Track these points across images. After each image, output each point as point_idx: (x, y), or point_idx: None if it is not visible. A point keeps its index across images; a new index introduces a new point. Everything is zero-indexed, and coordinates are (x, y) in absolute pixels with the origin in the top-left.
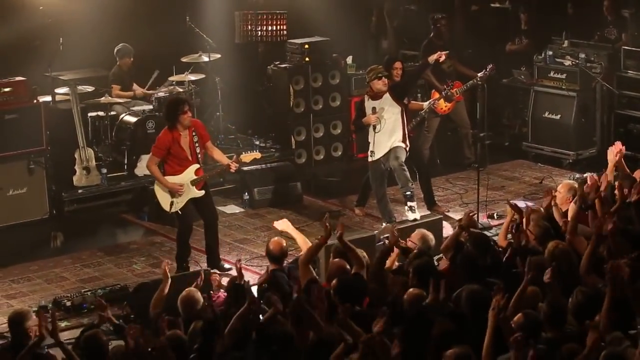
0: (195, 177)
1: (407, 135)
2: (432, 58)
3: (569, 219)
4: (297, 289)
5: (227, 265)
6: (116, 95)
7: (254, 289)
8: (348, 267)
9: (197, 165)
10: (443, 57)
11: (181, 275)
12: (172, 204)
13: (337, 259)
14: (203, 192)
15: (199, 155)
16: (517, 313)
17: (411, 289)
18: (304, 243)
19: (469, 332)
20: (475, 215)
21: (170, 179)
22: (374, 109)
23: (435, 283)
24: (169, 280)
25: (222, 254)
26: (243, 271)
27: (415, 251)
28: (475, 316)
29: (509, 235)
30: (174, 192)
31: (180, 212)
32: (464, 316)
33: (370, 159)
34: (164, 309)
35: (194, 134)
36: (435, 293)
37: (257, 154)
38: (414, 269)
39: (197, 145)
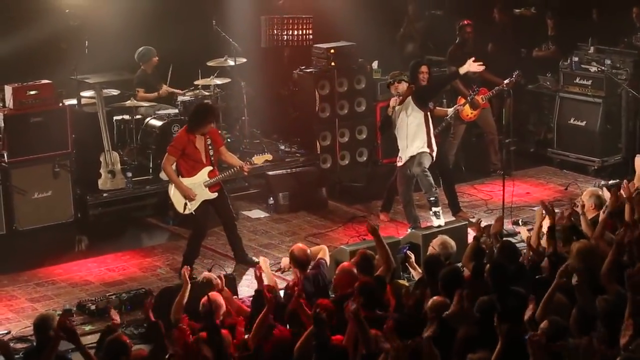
0: (208, 179)
1: (432, 140)
2: (463, 69)
3: (598, 225)
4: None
5: (255, 259)
6: (141, 98)
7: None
8: (355, 272)
9: (210, 168)
10: (480, 69)
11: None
12: (185, 205)
13: (345, 263)
14: (216, 194)
15: (212, 158)
16: (544, 317)
17: (435, 297)
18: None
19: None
20: (482, 224)
21: (185, 181)
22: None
23: (459, 295)
24: (189, 286)
25: None
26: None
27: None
28: (487, 326)
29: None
30: (186, 198)
31: (194, 213)
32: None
33: (398, 164)
34: (187, 314)
35: (207, 138)
36: (459, 304)
37: (268, 156)
38: (441, 278)
39: (210, 148)
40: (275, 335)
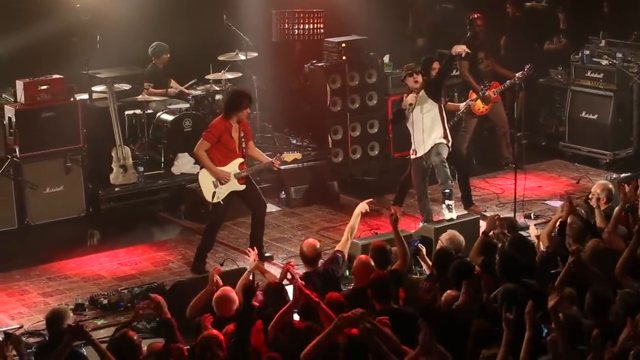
0: (238, 170)
1: (447, 131)
2: (455, 50)
3: (611, 220)
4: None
5: (267, 254)
6: (150, 93)
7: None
8: (373, 264)
9: (241, 159)
10: (464, 52)
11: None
12: (214, 194)
13: (362, 256)
14: (244, 186)
15: (244, 151)
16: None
17: (448, 291)
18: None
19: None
20: (496, 218)
21: None
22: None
23: (467, 285)
24: (214, 289)
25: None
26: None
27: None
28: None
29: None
30: (220, 180)
31: (222, 203)
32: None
33: (412, 157)
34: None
35: (241, 129)
36: (467, 295)
37: (298, 155)
38: (452, 270)
39: (243, 140)
40: (294, 326)
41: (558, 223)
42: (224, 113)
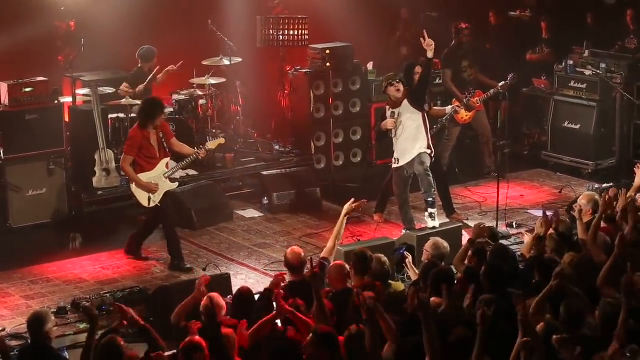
0: (167, 170)
1: (430, 142)
2: (429, 52)
3: (590, 230)
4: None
5: (187, 266)
6: (123, 92)
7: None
8: (347, 269)
9: (167, 159)
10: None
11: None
12: (149, 199)
13: (337, 261)
14: (177, 184)
15: (167, 150)
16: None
17: (432, 298)
18: None
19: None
20: (483, 227)
21: (145, 175)
22: (392, 113)
23: (448, 290)
24: (200, 297)
25: (241, 258)
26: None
27: (427, 260)
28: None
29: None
30: (150, 192)
31: (160, 205)
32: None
33: (394, 166)
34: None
35: (160, 131)
36: (449, 300)
37: (221, 140)
38: (432, 278)
39: (163, 141)
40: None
41: (534, 237)
42: (139, 124)
